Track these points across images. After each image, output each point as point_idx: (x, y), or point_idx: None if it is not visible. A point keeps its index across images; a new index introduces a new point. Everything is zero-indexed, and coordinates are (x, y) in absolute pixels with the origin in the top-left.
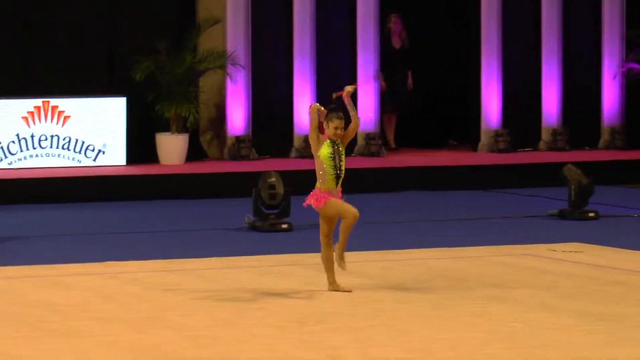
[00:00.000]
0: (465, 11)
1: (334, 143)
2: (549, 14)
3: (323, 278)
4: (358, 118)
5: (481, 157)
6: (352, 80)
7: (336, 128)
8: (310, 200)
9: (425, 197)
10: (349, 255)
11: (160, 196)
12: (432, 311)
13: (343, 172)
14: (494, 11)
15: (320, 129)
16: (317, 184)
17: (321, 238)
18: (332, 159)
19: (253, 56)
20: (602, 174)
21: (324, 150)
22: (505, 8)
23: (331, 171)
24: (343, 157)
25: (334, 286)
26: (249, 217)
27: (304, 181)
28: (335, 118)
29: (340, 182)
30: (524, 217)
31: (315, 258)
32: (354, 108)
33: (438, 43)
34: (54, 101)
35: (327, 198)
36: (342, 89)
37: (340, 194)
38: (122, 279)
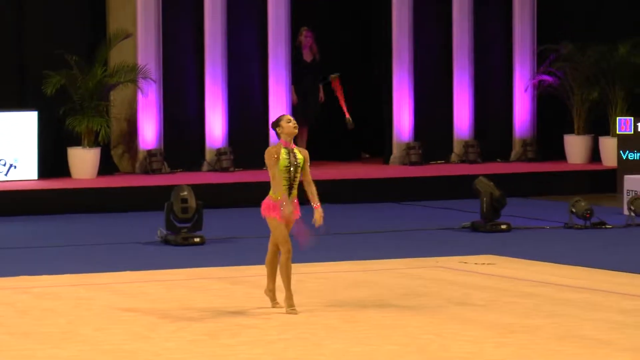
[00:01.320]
0: (378, 25)
1: (290, 152)
2: (461, 28)
3: (236, 291)
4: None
5: (393, 169)
6: (264, 93)
7: (289, 121)
8: (262, 208)
9: (338, 210)
10: (260, 268)
11: (72, 210)
12: (345, 324)
13: (297, 182)
14: (405, 25)
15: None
16: (270, 192)
17: (269, 245)
18: (287, 171)
19: (164, 70)
20: (514, 186)
21: (281, 163)
22: (416, 22)
23: (284, 182)
24: (299, 168)
25: (270, 294)
26: (162, 231)
27: (216, 195)
28: (283, 116)
29: (293, 192)
30: (436, 230)
31: (228, 271)
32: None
33: (349, 56)
34: None
35: (274, 213)
36: (253, 102)
37: (297, 206)
38: (35, 293)
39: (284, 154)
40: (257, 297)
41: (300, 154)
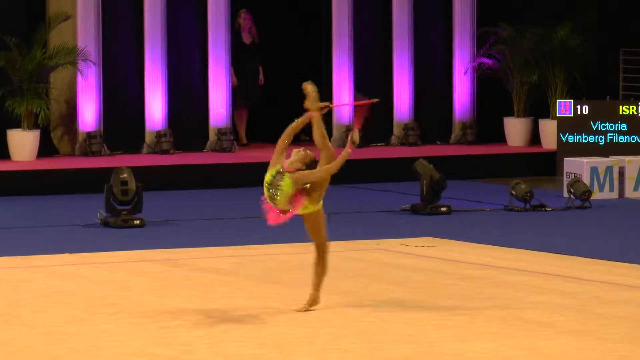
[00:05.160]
0: (317, 7)
1: (277, 173)
2: (400, 11)
3: (176, 274)
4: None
5: None
6: (204, 76)
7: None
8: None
9: None
10: (199, 250)
11: (11, 192)
12: (284, 306)
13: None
14: (345, 7)
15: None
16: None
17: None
18: (267, 190)
19: (104, 52)
20: (453, 169)
21: (267, 178)
22: (356, 3)
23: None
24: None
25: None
26: (101, 213)
27: (156, 177)
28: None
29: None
30: (376, 212)
31: (167, 254)
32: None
33: (289, 38)
34: None
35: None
36: (192, 84)
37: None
38: None
39: (273, 172)
40: (196, 280)
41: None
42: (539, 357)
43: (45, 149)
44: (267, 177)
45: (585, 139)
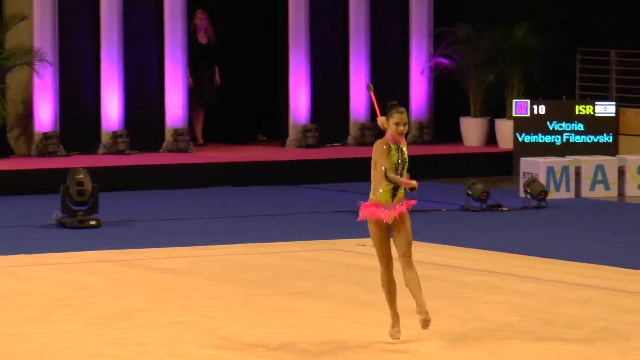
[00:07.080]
0: (274, 7)
1: (399, 149)
2: (357, 11)
3: (132, 274)
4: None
5: (289, 152)
6: (160, 76)
7: (397, 124)
8: (365, 213)
9: (234, 193)
10: (155, 251)
11: None
12: (241, 307)
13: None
14: (302, 7)
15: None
16: (370, 194)
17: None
18: (395, 169)
19: (60, 53)
20: (410, 168)
21: (391, 159)
22: (313, 3)
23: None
24: (407, 165)
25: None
26: (57, 214)
27: (112, 177)
28: (396, 112)
29: (399, 193)
30: (332, 212)
31: (124, 254)
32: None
33: (246, 38)
34: None
35: (374, 215)
36: (149, 84)
37: (403, 206)
38: None
39: (394, 149)
40: (152, 280)
41: (406, 150)
42: (497, 358)
43: (1, 149)
44: (392, 159)
45: (541, 138)
